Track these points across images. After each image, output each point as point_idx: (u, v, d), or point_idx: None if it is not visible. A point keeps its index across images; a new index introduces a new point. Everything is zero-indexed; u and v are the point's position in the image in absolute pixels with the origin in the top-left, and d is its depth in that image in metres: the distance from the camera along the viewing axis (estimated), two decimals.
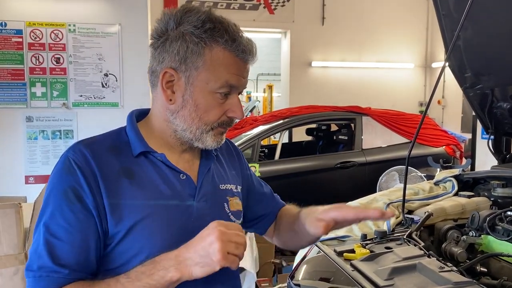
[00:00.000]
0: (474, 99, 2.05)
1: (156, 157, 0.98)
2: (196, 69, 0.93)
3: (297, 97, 7.92)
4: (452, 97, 8.18)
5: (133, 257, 0.90)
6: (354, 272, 1.26)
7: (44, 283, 0.84)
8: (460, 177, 1.98)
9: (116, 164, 0.93)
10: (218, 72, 0.93)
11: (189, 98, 0.95)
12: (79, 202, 0.88)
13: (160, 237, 0.91)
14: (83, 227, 0.87)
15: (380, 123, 5.07)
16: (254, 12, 7.82)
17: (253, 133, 4.76)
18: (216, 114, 0.96)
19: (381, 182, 4.25)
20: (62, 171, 0.90)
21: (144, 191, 0.93)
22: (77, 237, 0.87)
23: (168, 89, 0.96)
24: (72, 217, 0.87)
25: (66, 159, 0.91)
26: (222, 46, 0.93)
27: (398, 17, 8.49)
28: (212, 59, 0.93)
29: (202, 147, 1.00)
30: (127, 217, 0.90)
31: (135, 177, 0.94)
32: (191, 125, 0.96)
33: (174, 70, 0.94)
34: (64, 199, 0.87)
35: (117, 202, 0.90)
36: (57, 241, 0.86)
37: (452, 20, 1.84)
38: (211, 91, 0.94)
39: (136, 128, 1.00)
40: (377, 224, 1.64)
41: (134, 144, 0.97)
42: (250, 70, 1.02)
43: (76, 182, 0.88)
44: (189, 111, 0.95)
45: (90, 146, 0.94)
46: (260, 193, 1.23)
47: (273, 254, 3.53)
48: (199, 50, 0.92)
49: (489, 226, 1.42)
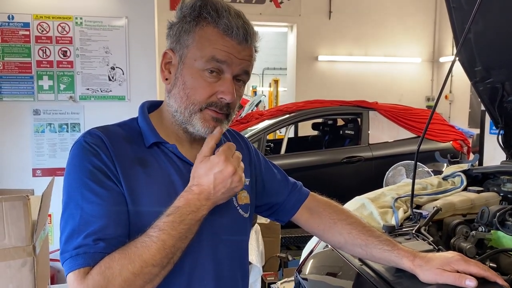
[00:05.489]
0: (484, 93, 2.03)
1: (168, 148, 0.98)
2: (187, 47, 0.94)
3: (303, 91, 7.90)
4: (460, 92, 8.13)
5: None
6: (362, 267, 1.26)
7: (81, 260, 0.81)
8: (469, 172, 1.96)
9: (131, 153, 0.94)
10: (204, 48, 0.93)
11: (179, 76, 0.96)
12: (108, 180, 0.89)
13: None
14: (116, 199, 0.88)
15: (387, 118, 5.05)
16: (261, 6, 7.79)
17: (259, 128, 4.75)
18: (204, 93, 0.94)
19: (388, 177, 4.23)
20: (82, 153, 0.90)
21: (157, 180, 0.94)
22: (112, 210, 0.87)
23: (166, 70, 0.99)
24: (104, 192, 0.87)
25: (83, 143, 0.91)
26: (210, 23, 0.93)
27: (405, 11, 8.42)
28: (200, 36, 0.93)
29: (196, 132, 0.98)
30: (142, 204, 0.91)
31: (149, 166, 0.95)
32: (181, 104, 0.96)
33: (172, 51, 0.97)
34: (91, 179, 0.87)
35: (133, 189, 0.91)
36: (93, 218, 0.85)
37: (463, 13, 1.82)
38: (198, 69, 0.93)
39: (148, 119, 1.01)
40: (385, 219, 1.63)
41: (147, 134, 0.98)
42: (256, 65, 1.01)
43: (100, 161, 0.89)
44: (179, 89, 0.96)
45: (105, 132, 0.95)
46: (273, 182, 1.20)
47: (279, 248, 3.54)
48: (190, 28, 0.94)
49: (498, 222, 1.41)
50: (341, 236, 1.13)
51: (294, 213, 1.19)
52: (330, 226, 1.15)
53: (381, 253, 1.08)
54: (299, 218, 1.19)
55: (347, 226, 1.13)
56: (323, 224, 1.16)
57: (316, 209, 1.19)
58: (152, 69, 3.57)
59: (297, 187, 1.23)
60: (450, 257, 1.01)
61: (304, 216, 1.19)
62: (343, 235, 1.13)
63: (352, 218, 1.16)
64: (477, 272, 0.97)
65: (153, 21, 3.60)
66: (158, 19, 3.71)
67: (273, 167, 1.23)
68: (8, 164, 3.40)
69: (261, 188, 1.17)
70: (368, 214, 1.70)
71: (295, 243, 4.29)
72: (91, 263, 0.81)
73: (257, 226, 3.12)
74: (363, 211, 1.73)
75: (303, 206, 1.19)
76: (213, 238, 0.98)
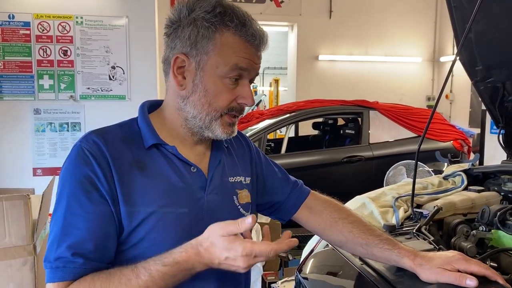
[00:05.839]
0: (484, 92, 2.02)
1: (168, 150, 0.97)
2: (206, 54, 0.93)
3: (303, 91, 7.90)
4: (460, 91, 8.12)
5: (146, 248, 0.90)
6: (363, 266, 1.26)
7: (60, 274, 0.84)
8: (470, 171, 1.96)
9: (129, 156, 0.93)
10: (228, 56, 0.92)
11: (199, 83, 0.94)
12: (95, 191, 0.87)
13: (173, 229, 0.92)
14: (100, 214, 0.87)
15: (388, 118, 5.05)
16: (261, 5, 7.78)
17: (259, 127, 4.75)
18: (225, 99, 0.95)
19: (388, 177, 4.23)
20: (76, 160, 0.90)
21: (156, 183, 0.93)
22: (95, 224, 0.86)
23: (179, 75, 0.96)
24: (89, 205, 0.87)
25: (79, 148, 0.91)
26: (232, 31, 0.92)
27: (406, 11, 8.42)
28: (222, 43, 0.92)
29: (212, 137, 0.99)
30: (140, 210, 0.90)
31: (147, 169, 0.94)
32: (201, 111, 0.95)
33: (185, 55, 0.94)
34: (79, 189, 0.87)
35: (129, 193, 0.90)
36: (74, 230, 0.85)
37: (464, 12, 1.81)
38: (220, 76, 0.93)
39: (148, 119, 1.00)
40: (386, 218, 1.63)
41: (146, 136, 0.97)
42: None
43: (91, 171, 0.88)
44: (199, 96, 0.95)
45: (103, 136, 0.93)
46: (274, 180, 1.20)
47: None
48: (209, 35, 0.92)
49: (499, 221, 1.41)
50: (342, 235, 1.13)
51: (295, 211, 1.19)
52: (331, 225, 1.15)
53: (382, 252, 1.08)
54: (300, 217, 1.19)
55: (348, 225, 1.13)
56: (324, 223, 1.16)
57: (316, 208, 1.18)
58: (153, 68, 3.57)
59: (298, 185, 1.23)
60: (451, 256, 1.01)
61: (305, 215, 1.19)
62: (344, 234, 1.13)
63: (353, 216, 1.16)
64: (478, 271, 0.97)
65: (153, 20, 3.60)
66: (159, 19, 3.71)
67: (274, 166, 1.23)
68: (8, 163, 3.40)
69: (262, 187, 1.18)
70: (368, 213, 1.70)
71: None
72: (69, 278, 0.84)
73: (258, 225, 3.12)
74: (363, 210, 1.73)
75: (304, 205, 1.19)
76: None
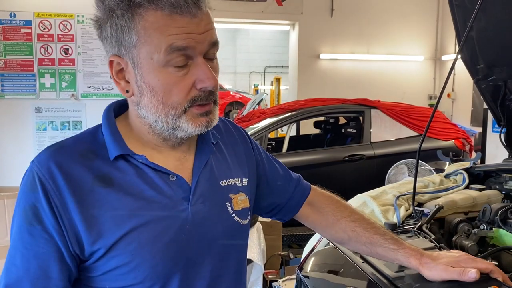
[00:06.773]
0: (486, 91, 2.02)
1: (137, 160, 0.83)
2: (135, 47, 0.77)
3: (305, 89, 7.89)
4: (462, 90, 8.11)
5: (120, 276, 0.81)
6: (364, 264, 1.26)
7: None
8: (471, 170, 1.96)
9: (89, 173, 0.80)
10: (156, 39, 0.76)
11: (142, 84, 0.79)
12: (38, 224, 0.77)
13: (149, 250, 0.80)
14: (39, 252, 0.77)
15: (389, 116, 5.04)
16: (262, 4, 7.77)
17: (260, 126, 4.75)
18: (179, 91, 0.79)
19: (390, 175, 4.22)
20: (25, 186, 0.80)
21: (126, 200, 0.80)
22: (33, 264, 0.77)
23: (122, 80, 0.83)
24: (29, 240, 0.78)
25: (31, 172, 0.80)
26: (149, 9, 0.75)
27: (408, 9, 8.40)
28: (145, 28, 0.76)
29: (187, 135, 0.85)
30: (108, 232, 0.79)
31: (114, 184, 0.81)
32: (158, 114, 0.81)
33: (118, 57, 0.80)
34: (24, 219, 0.78)
35: (93, 216, 0.78)
36: (13, 267, 0.78)
37: (465, 11, 1.81)
38: (160, 66, 0.77)
39: (113, 126, 0.86)
40: (387, 217, 1.63)
41: (110, 146, 0.83)
42: (258, 63, 0.89)
43: (36, 200, 0.78)
44: (149, 98, 0.80)
45: (57, 156, 0.81)
46: (277, 180, 1.10)
47: (280, 247, 3.54)
48: (128, 23, 0.76)
49: (500, 219, 1.41)
50: (344, 233, 1.09)
51: (298, 210, 1.11)
52: (333, 223, 1.10)
53: (386, 252, 1.05)
54: (301, 215, 1.12)
55: (351, 223, 1.08)
56: (326, 221, 1.11)
57: (318, 205, 1.12)
58: None
59: (300, 182, 1.14)
60: (457, 256, 1.00)
61: (306, 213, 1.12)
62: (347, 232, 1.08)
63: (356, 214, 1.11)
64: (485, 268, 0.96)
65: None
66: None
67: (275, 162, 1.12)
68: (10, 161, 3.41)
69: (265, 188, 1.08)
70: (369, 212, 1.70)
71: (297, 241, 4.29)
72: None
73: (259, 224, 3.12)
74: (364, 209, 1.73)
75: (305, 202, 1.12)
76: (206, 253, 0.87)
